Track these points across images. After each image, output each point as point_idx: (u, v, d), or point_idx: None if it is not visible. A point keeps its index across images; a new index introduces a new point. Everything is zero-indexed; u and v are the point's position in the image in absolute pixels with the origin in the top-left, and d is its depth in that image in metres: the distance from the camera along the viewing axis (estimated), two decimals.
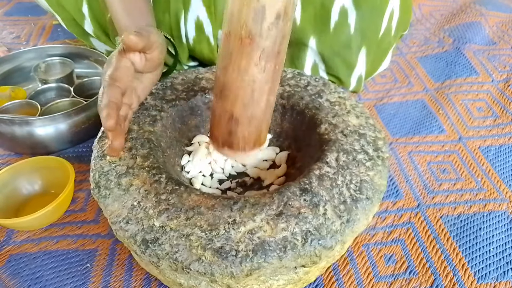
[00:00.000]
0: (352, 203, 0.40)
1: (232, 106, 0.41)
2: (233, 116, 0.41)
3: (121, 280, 0.49)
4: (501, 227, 0.55)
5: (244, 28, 0.35)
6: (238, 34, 0.36)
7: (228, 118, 0.42)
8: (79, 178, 0.61)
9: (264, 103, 0.41)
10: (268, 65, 0.38)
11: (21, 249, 0.53)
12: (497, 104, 0.76)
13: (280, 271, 0.39)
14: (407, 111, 0.75)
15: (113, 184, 0.42)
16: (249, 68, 0.38)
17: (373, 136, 0.48)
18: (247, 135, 0.43)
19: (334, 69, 0.70)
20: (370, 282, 0.49)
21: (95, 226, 0.56)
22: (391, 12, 0.69)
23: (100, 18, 0.67)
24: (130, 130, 0.48)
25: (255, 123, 0.42)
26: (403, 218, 0.56)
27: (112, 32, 0.68)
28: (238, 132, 0.43)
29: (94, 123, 0.66)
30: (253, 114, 0.41)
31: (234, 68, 0.38)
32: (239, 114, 0.41)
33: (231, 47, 0.37)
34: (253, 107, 0.41)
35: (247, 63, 0.37)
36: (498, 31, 0.95)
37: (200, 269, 0.35)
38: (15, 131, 0.63)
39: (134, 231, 0.38)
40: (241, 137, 0.43)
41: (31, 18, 1.03)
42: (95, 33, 0.69)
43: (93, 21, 0.66)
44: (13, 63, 0.78)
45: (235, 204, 0.39)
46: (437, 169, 0.63)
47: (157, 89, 0.55)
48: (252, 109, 0.41)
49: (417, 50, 0.91)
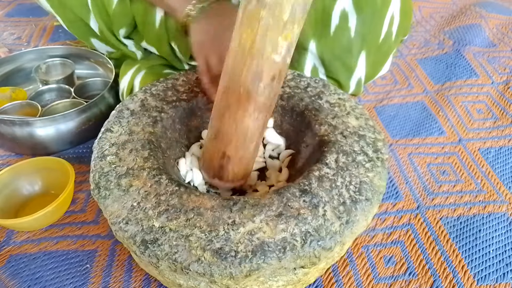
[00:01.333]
0: (352, 204, 0.40)
1: (225, 147, 0.45)
2: (225, 155, 0.46)
3: (120, 281, 0.49)
4: (500, 229, 0.55)
5: (242, 87, 0.40)
6: (237, 90, 0.40)
7: (221, 156, 0.46)
8: (79, 179, 0.62)
9: (254, 146, 0.46)
10: (261, 115, 0.42)
11: (21, 249, 0.53)
12: (497, 106, 0.76)
13: (279, 272, 0.39)
14: (407, 112, 0.75)
15: (113, 184, 0.42)
16: (244, 118, 0.42)
17: (373, 138, 0.48)
18: (237, 171, 0.48)
19: (334, 73, 0.70)
20: (369, 283, 0.49)
21: (95, 227, 0.56)
22: (391, 16, 0.69)
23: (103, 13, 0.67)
24: (130, 131, 0.48)
25: (244, 161, 0.47)
26: (402, 220, 0.56)
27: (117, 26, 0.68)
28: (229, 168, 0.47)
29: (94, 124, 0.66)
30: (244, 155, 0.46)
31: (230, 116, 0.42)
32: (231, 154, 0.46)
33: (229, 99, 0.42)
34: (244, 149, 0.45)
35: (242, 115, 0.42)
36: (498, 33, 0.96)
37: (199, 270, 0.35)
38: (15, 132, 0.63)
39: (134, 232, 0.38)
40: (231, 172, 0.47)
41: (32, 19, 1.04)
42: (100, 28, 0.69)
43: (97, 16, 0.67)
44: (14, 64, 0.78)
45: (235, 205, 0.39)
46: (437, 171, 0.63)
47: (158, 90, 0.55)
48: (243, 151, 0.46)
49: (417, 52, 0.91)
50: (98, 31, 0.70)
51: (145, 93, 0.54)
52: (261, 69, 0.38)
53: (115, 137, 0.47)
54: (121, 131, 0.48)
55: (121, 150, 0.46)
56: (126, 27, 0.68)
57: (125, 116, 0.50)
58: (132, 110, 0.51)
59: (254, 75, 0.39)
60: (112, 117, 0.50)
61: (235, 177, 0.48)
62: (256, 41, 0.37)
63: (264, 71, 0.39)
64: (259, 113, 0.42)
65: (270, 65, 0.38)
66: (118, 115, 0.50)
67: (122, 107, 0.52)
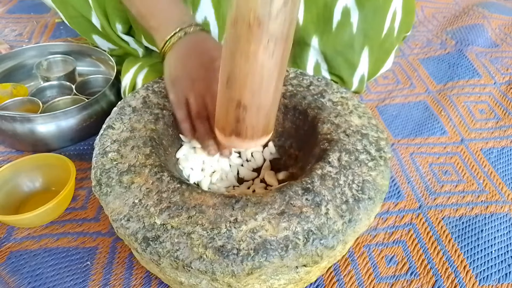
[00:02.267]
0: (354, 203, 0.40)
1: (240, 94, 0.39)
2: (241, 104, 0.40)
3: (121, 278, 0.49)
4: (503, 229, 0.55)
5: (252, 13, 0.34)
6: (246, 19, 0.35)
7: (236, 106, 0.40)
8: (80, 176, 0.61)
9: (273, 90, 0.40)
10: (277, 50, 0.36)
11: (21, 246, 0.53)
12: (499, 107, 0.75)
13: (281, 270, 0.38)
14: (409, 112, 0.74)
15: (114, 181, 0.42)
16: (258, 53, 0.36)
17: (376, 136, 0.48)
18: (255, 123, 0.42)
19: (337, 69, 0.70)
20: (371, 283, 0.49)
21: (96, 224, 0.55)
22: (393, 12, 0.69)
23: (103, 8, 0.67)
24: (132, 128, 0.48)
25: (263, 111, 0.41)
26: (404, 219, 0.56)
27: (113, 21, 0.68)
28: (246, 120, 0.41)
29: (95, 121, 0.66)
30: (262, 102, 0.40)
31: (242, 54, 0.37)
32: (248, 102, 0.39)
33: (238, 32, 0.36)
34: (262, 94, 0.39)
35: (255, 48, 0.36)
36: (500, 33, 0.95)
37: (201, 268, 0.35)
38: (16, 128, 0.63)
39: (135, 229, 0.38)
40: (249, 125, 0.42)
41: (34, 16, 1.03)
42: (101, 24, 0.69)
43: (98, 12, 0.67)
44: (15, 60, 0.78)
45: (237, 202, 0.39)
46: (439, 171, 0.63)
47: (160, 87, 0.55)
48: (261, 97, 0.40)
49: (420, 52, 0.90)
50: (100, 27, 0.70)
51: (147, 90, 0.54)
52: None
53: (116, 134, 0.47)
54: (122, 128, 0.48)
55: (123, 147, 0.45)
56: (122, 23, 0.68)
57: (127, 113, 0.50)
58: (134, 107, 0.51)
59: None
60: (113, 113, 0.50)
61: (255, 133, 0.42)
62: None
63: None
64: (275, 44, 0.36)
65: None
66: (120, 112, 0.50)
67: (124, 104, 0.52)
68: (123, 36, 0.70)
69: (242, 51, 0.36)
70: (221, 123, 0.44)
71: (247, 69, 0.37)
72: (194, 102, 0.48)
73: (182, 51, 0.51)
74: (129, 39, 0.71)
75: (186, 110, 0.49)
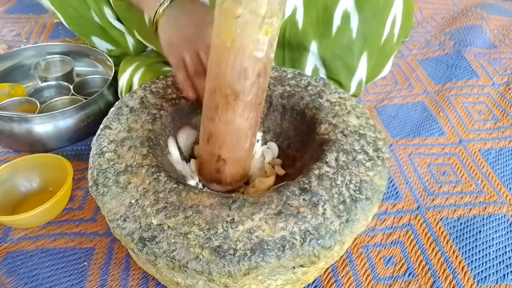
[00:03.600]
0: (352, 203, 0.40)
1: (219, 150, 0.44)
2: (220, 158, 0.45)
3: (118, 279, 0.49)
4: (501, 230, 0.55)
5: (229, 88, 0.39)
6: (224, 92, 0.39)
7: (216, 160, 0.45)
8: (78, 176, 0.61)
9: (248, 146, 0.45)
10: (251, 114, 0.41)
11: (18, 246, 0.52)
12: (497, 107, 0.75)
13: (278, 270, 0.38)
14: (408, 113, 0.74)
15: (111, 181, 0.42)
16: (234, 119, 0.41)
17: (373, 137, 0.47)
18: (234, 172, 0.47)
19: (335, 73, 0.69)
20: (369, 283, 0.49)
21: (93, 224, 0.55)
22: (393, 17, 0.68)
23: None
24: (129, 128, 0.48)
25: (241, 162, 0.46)
26: (402, 220, 0.56)
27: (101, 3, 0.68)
28: (226, 171, 0.46)
29: (93, 121, 0.66)
30: (239, 156, 0.45)
31: (221, 119, 0.41)
32: (226, 157, 0.45)
33: (217, 101, 0.41)
34: (238, 150, 0.44)
35: (232, 116, 0.41)
36: (499, 34, 0.95)
37: (197, 268, 0.35)
38: (13, 128, 0.62)
39: (132, 229, 0.37)
40: (229, 175, 0.47)
41: (32, 16, 1.03)
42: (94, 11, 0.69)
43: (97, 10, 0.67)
44: (13, 60, 0.78)
45: (234, 203, 0.39)
46: (437, 172, 0.63)
47: (158, 87, 0.55)
48: (237, 152, 0.45)
49: (418, 52, 0.90)
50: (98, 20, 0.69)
51: (144, 91, 0.54)
52: (245, 67, 0.38)
53: (114, 134, 0.47)
54: (120, 128, 0.48)
55: (120, 147, 0.45)
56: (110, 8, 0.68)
57: (124, 113, 0.50)
58: (131, 107, 0.51)
59: (239, 73, 0.38)
60: (111, 114, 0.50)
61: (233, 179, 0.48)
62: (236, 40, 0.36)
63: (248, 69, 0.38)
64: (249, 112, 0.41)
65: (254, 62, 0.38)
66: (117, 112, 0.50)
67: (121, 104, 0.51)
68: (115, 22, 0.69)
69: (220, 117, 0.41)
70: (204, 173, 0.48)
71: (225, 131, 0.42)
72: (190, 61, 0.49)
73: (173, 14, 0.51)
74: (121, 26, 0.70)
75: (185, 71, 0.50)
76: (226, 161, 0.45)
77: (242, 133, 0.43)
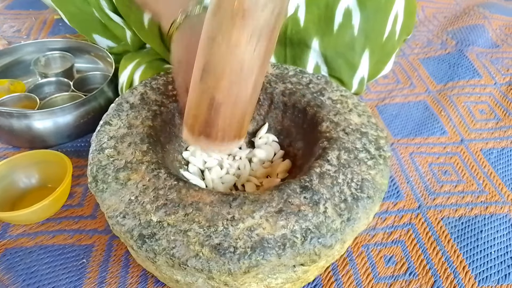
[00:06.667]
0: (353, 201, 0.39)
1: (214, 90, 0.35)
2: (214, 100, 0.36)
3: (117, 276, 0.49)
4: (502, 230, 0.54)
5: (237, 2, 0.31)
6: (230, 5, 0.31)
7: (209, 104, 0.37)
8: (77, 173, 0.61)
9: (252, 85, 0.36)
10: (261, 43, 0.33)
11: (16, 243, 0.52)
12: (499, 107, 0.75)
13: (278, 269, 0.38)
14: (409, 112, 0.74)
15: (110, 178, 0.41)
16: (240, 43, 0.33)
17: (375, 135, 0.47)
18: (229, 123, 0.39)
19: (337, 71, 0.69)
20: (369, 283, 0.49)
21: (92, 221, 0.55)
22: (395, 15, 0.68)
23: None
24: (129, 125, 0.47)
25: (239, 109, 0.38)
26: (403, 219, 0.56)
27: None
28: (219, 120, 0.38)
29: (93, 117, 0.66)
30: (239, 97, 0.37)
31: (222, 43, 0.33)
32: (222, 98, 0.36)
33: (220, 18, 0.33)
34: (239, 87, 0.36)
35: (237, 39, 0.33)
36: (501, 34, 0.95)
37: (197, 266, 0.35)
38: (13, 124, 0.62)
39: (131, 226, 0.37)
40: (222, 125, 0.39)
41: (33, 12, 1.03)
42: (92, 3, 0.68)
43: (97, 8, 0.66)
44: (13, 56, 0.77)
45: (234, 200, 0.39)
46: (439, 171, 0.63)
47: (158, 84, 0.54)
48: (238, 90, 0.36)
49: (420, 51, 0.90)
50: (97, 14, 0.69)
51: (145, 87, 0.54)
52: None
53: (113, 130, 0.47)
54: (120, 124, 0.48)
55: (120, 143, 0.45)
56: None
57: (124, 109, 0.50)
58: (131, 104, 0.50)
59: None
60: (111, 110, 0.50)
61: (227, 134, 0.39)
62: None
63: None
64: (258, 39, 0.33)
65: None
66: (117, 108, 0.50)
67: (122, 100, 0.51)
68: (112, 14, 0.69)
69: (224, 37, 0.33)
70: (190, 121, 0.40)
71: (225, 59, 0.34)
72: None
73: (186, 34, 0.49)
74: (118, 19, 0.70)
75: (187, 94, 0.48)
76: (221, 106, 0.36)
77: (247, 64, 0.34)
